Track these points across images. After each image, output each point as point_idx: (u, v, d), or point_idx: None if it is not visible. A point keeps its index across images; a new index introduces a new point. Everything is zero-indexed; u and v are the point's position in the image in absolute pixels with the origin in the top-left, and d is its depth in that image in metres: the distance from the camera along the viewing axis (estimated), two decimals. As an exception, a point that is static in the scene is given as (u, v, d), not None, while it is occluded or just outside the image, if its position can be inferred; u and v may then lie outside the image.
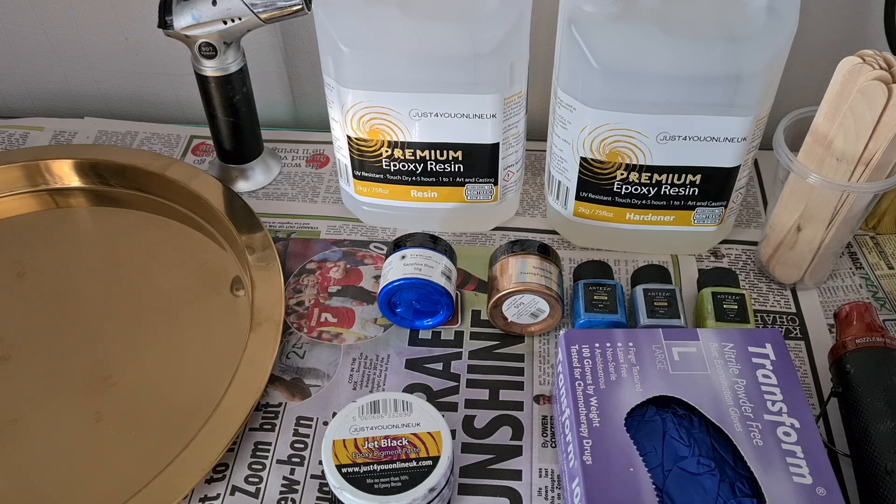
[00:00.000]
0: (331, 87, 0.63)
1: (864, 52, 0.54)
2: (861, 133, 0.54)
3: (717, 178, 0.63)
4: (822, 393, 0.59)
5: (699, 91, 0.57)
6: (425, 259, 0.61)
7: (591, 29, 0.57)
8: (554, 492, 0.54)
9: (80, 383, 0.60)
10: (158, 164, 0.74)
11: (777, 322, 0.64)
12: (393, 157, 0.66)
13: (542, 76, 0.74)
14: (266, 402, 0.59)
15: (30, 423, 0.58)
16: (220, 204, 0.71)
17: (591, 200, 0.66)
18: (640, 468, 0.47)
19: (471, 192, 0.68)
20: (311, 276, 0.68)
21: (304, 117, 0.88)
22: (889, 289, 0.66)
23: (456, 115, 0.62)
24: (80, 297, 0.66)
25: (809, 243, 0.62)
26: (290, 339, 0.63)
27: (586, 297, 0.61)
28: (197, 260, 0.69)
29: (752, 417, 0.49)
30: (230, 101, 0.70)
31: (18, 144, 0.81)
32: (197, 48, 0.67)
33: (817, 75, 0.62)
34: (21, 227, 0.73)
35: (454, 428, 0.57)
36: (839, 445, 0.56)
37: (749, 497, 0.47)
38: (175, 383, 0.60)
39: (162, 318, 0.64)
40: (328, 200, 0.75)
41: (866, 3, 0.72)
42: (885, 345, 0.54)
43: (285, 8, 0.64)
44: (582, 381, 0.51)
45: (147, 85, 0.86)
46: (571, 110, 0.61)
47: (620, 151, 0.62)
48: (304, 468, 0.55)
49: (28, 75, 0.86)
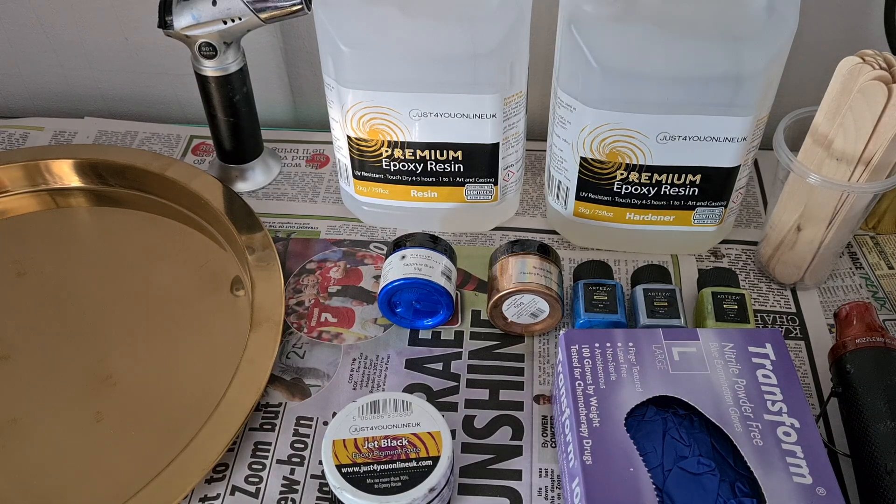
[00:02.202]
0: (331, 87, 0.63)
1: (864, 52, 0.54)
2: (861, 133, 0.54)
3: (717, 178, 0.63)
4: (822, 393, 0.59)
5: (699, 91, 0.57)
6: (425, 259, 0.61)
7: (591, 29, 0.57)
8: (554, 492, 0.54)
9: (80, 383, 0.60)
10: (158, 164, 0.74)
11: (777, 322, 0.64)
12: (393, 157, 0.66)
13: (542, 76, 0.74)
14: (266, 402, 0.59)
15: (30, 423, 0.58)
16: (220, 204, 0.71)
17: (591, 200, 0.66)
18: (640, 468, 0.47)
19: (471, 192, 0.68)
20: (311, 276, 0.68)
21: (304, 117, 0.88)
22: (889, 289, 0.66)
23: (456, 115, 0.62)
24: (80, 296, 0.66)
25: (809, 243, 0.62)
26: (290, 339, 0.63)
27: (586, 297, 0.61)
28: (197, 260, 0.69)
29: (752, 417, 0.49)
30: (230, 101, 0.70)
31: (18, 144, 0.81)
32: (197, 48, 0.67)
33: (817, 75, 0.62)
34: (21, 227, 0.73)
35: (454, 428, 0.57)
36: (839, 445, 0.56)
37: (749, 497, 0.47)
38: (175, 383, 0.60)
39: (162, 318, 0.64)
40: (328, 200, 0.75)
41: (866, 3, 0.72)
42: (885, 345, 0.54)
43: (285, 8, 0.64)
44: (582, 381, 0.51)
45: (147, 85, 0.86)
46: (571, 110, 0.61)
47: (620, 151, 0.62)
48: (304, 468, 0.55)
49: (28, 75, 0.87)
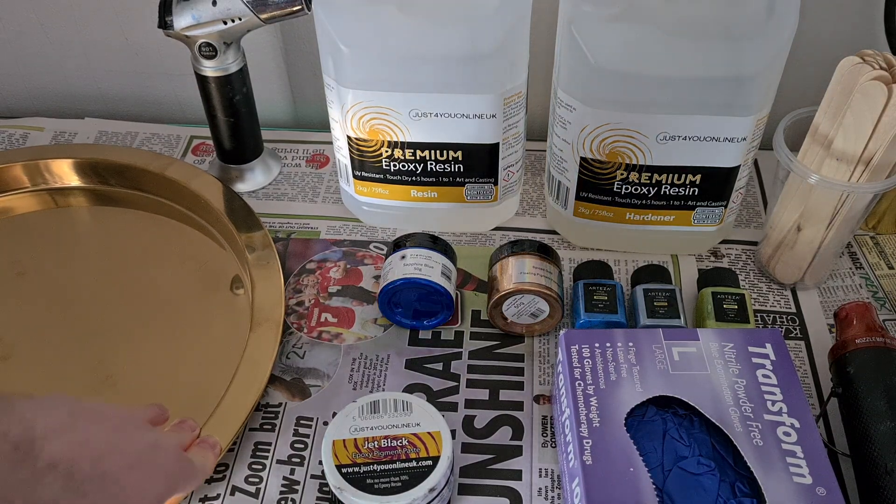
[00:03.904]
0: (331, 87, 0.63)
1: (864, 52, 0.54)
2: (861, 133, 0.54)
3: (717, 178, 0.63)
4: (822, 393, 0.59)
5: (699, 91, 0.57)
6: (425, 259, 0.61)
7: (591, 29, 0.57)
8: (554, 492, 0.54)
9: (80, 383, 0.60)
10: (158, 164, 0.74)
11: (777, 322, 0.64)
12: (393, 157, 0.66)
13: (542, 76, 0.74)
14: (266, 402, 0.59)
15: (30, 423, 0.58)
16: (220, 204, 0.71)
17: (591, 200, 0.66)
18: (640, 468, 0.47)
19: (471, 191, 0.68)
20: (311, 276, 0.68)
21: (304, 117, 0.88)
22: (889, 289, 0.66)
23: (456, 115, 0.62)
24: (80, 296, 0.66)
25: (809, 243, 0.62)
26: (290, 339, 0.63)
27: (586, 297, 0.61)
28: (197, 260, 0.69)
29: (752, 417, 0.49)
30: (230, 101, 0.70)
31: (18, 144, 0.81)
32: (197, 48, 0.67)
33: (817, 75, 0.62)
34: (21, 226, 0.73)
35: (454, 428, 0.57)
36: (839, 445, 0.56)
37: (749, 497, 0.47)
38: (175, 383, 0.60)
39: (162, 318, 0.64)
40: (328, 200, 0.75)
41: (866, 3, 0.72)
42: (885, 345, 0.54)
43: (285, 8, 0.64)
44: (582, 381, 0.51)
45: (147, 85, 0.86)
46: (571, 110, 0.61)
47: (620, 151, 0.62)
48: (304, 468, 0.55)
49: (28, 75, 0.86)
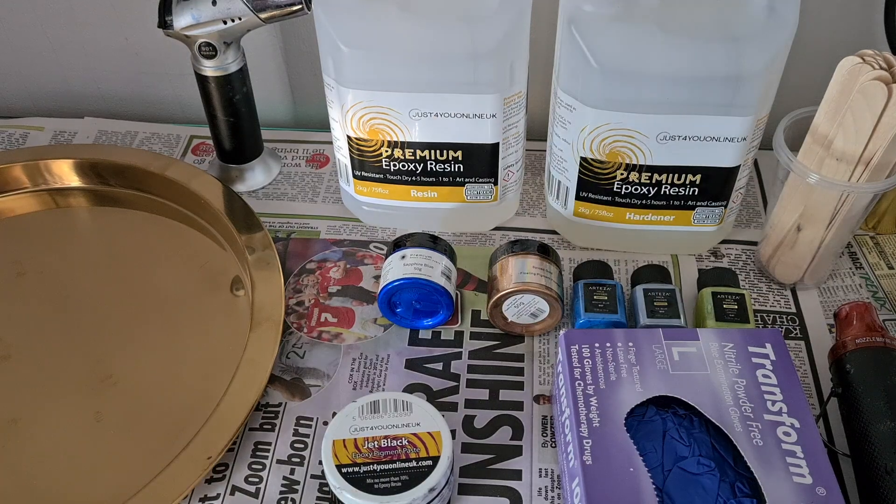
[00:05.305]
0: (331, 87, 0.63)
1: (864, 52, 0.54)
2: (861, 133, 0.54)
3: (717, 178, 0.63)
4: (822, 393, 0.59)
5: (699, 91, 0.57)
6: (425, 259, 0.61)
7: (591, 29, 0.57)
8: (554, 492, 0.54)
9: (80, 383, 0.60)
10: (158, 164, 0.74)
11: (777, 322, 0.64)
12: (393, 157, 0.66)
13: (542, 76, 0.74)
14: (266, 402, 0.59)
15: (30, 423, 0.58)
16: (220, 204, 0.71)
17: (591, 200, 0.66)
18: (640, 468, 0.47)
19: (471, 191, 0.68)
20: (311, 276, 0.68)
21: (304, 117, 0.88)
22: (889, 289, 0.66)
23: (456, 115, 0.62)
24: (80, 297, 0.66)
25: (809, 243, 0.62)
26: (290, 339, 0.63)
27: (586, 297, 0.61)
28: (197, 260, 0.69)
29: (752, 417, 0.49)
30: (230, 101, 0.70)
31: (18, 144, 0.81)
32: (197, 48, 0.67)
33: (817, 75, 0.62)
34: (21, 227, 0.73)
35: (454, 428, 0.57)
36: (839, 445, 0.56)
37: (749, 497, 0.47)
38: (175, 383, 0.60)
39: (162, 318, 0.64)
40: (328, 200, 0.75)
41: (866, 3, 0.72)
42: (885, 345, 0.54)
43: (285, 8, 0.64)
44: (582, 380, 0.51)
45: (147, 85, 0.86)
46: (571, 110, 0.61)
47: (620, 151, 0.62)
48: (304, 468, 0.55)
49: (28, 75, 0.86)
